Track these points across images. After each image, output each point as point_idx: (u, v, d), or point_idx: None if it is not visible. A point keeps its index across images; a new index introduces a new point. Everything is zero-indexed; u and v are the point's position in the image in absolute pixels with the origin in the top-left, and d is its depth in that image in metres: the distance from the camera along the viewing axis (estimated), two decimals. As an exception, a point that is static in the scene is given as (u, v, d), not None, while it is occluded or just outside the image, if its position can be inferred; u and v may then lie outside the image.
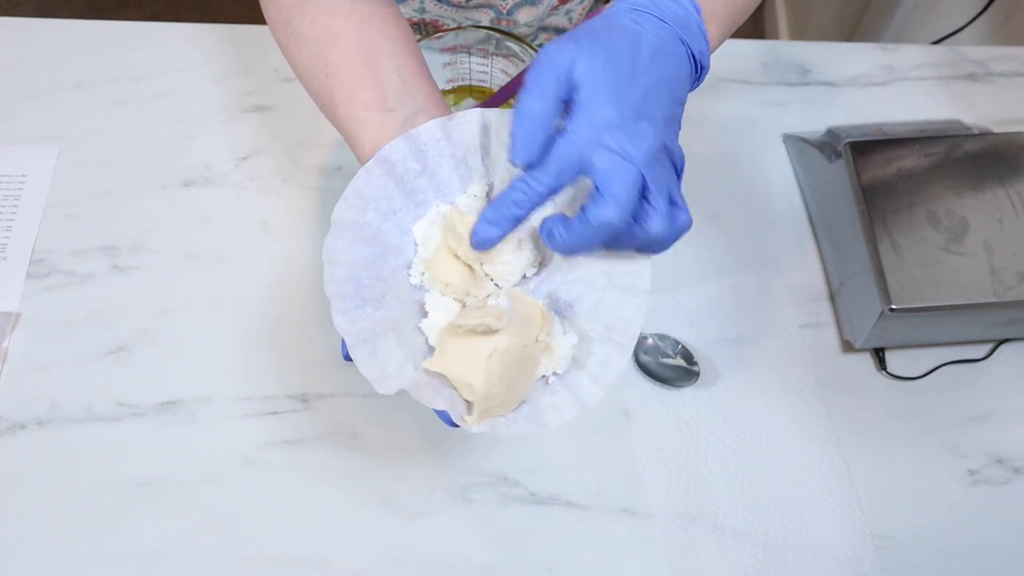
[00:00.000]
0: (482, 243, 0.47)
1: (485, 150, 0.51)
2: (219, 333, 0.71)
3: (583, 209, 0.44)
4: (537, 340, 0.48)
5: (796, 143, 0.81)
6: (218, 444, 0.67)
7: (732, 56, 0.88)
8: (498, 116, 0.50)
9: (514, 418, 0.48)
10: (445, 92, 0.77)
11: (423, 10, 0.80)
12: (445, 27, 0.83)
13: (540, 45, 0.87)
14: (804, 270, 0.77)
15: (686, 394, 0.71)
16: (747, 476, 0.68)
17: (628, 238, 0.46)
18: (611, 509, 0.66)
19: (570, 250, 0.45)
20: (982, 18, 1.06)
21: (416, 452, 0.68)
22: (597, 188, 0.44)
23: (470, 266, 0.49)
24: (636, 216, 0.45)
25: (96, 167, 0.79)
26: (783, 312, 0.75)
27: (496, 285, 0.51)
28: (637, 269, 0.48)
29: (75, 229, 0.76)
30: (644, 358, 0.71)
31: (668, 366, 0.71)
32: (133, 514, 0.64)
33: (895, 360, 0.73)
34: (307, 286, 0.74)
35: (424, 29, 0.84)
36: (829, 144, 0.76)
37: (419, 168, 0.51)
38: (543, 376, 0.49)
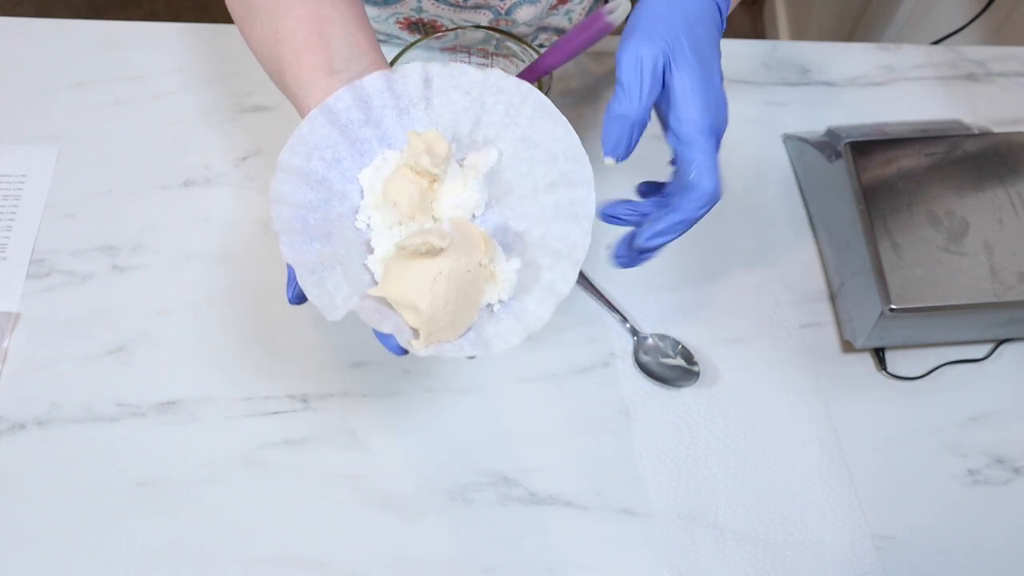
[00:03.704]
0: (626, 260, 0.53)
1: (428, 101, 0.52)
2: (219, 333, 0.71)
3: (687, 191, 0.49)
4: (481, 265, 0.48)
5: (796, 143, 0.81)
6: (218, 444, 0.67)
7: (732, 56, 0.87)
8: (440, 69, 0.52)
9: (460, 344, 0.48)
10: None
11: (420, 9, 0.80)
12: (443, 27, 0.83)
13: (540, 45, 0.87)
14: (804, 270, 0.77)
15: (686, 394, 0.71)
16: (747, 476, 0.68)
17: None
18: (611, 509, 0.66)
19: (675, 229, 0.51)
20: (982, 18, 1.06)
21: (416, 452, 0.68)
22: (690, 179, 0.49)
23: (421, 191, 0.50)
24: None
25: (96, 167, 0.79)
26: (783, 312, 0.75)
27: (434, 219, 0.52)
28: (581, 198, 0.49)
29: (75, 229, 0.76)
30: (644, 358, 0.71)
31: (668, 366, 0.71)
32: (133, 514, 0.64)
33: (895, 360, 0.73)
34: (307, 286, 0.74)
35: (423, 29, 0.84)
36: (829, 144, 0.76)
37: (363, 118, 0.51)
38: (488, 304, 0.50)
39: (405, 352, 0.47)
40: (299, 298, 0.51)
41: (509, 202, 0.52)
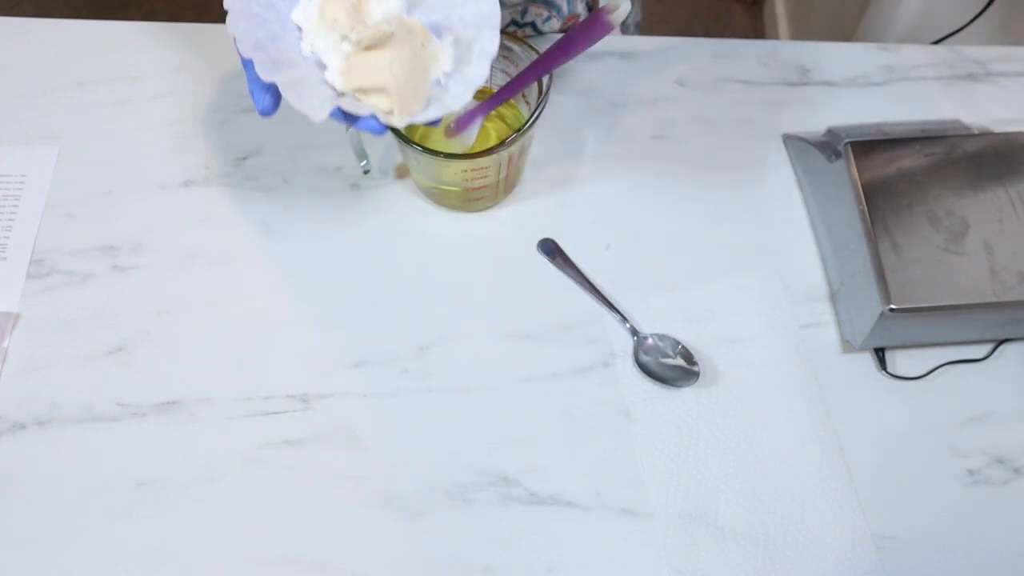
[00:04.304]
0: None
1: None
2: (219, 333, 0.71)
3: None
4: (423, 46, 0.59)
5: (796, 143, 0.81)
6: (218, 444, 0.67)
7: (732, 56, 0.88)
8: None
9: (427, 113, 0.59)
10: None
11: None
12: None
13: (531, 22, 0.86)
14: (804, 270, 0.77)
15: (686, 394, 0.71)
16: (747, 476, 0.68)
17: None
18: (611, 509, 0.66)
19: None
20: (982, 18, 1.06)
21: (416, 452, 0.68)
22: None
23: (353, 5, 0.59)
24: None
25: (96, 167, 0.79)
26: (783, 312, 0.75)
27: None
28: None
29: (75, 229, 0.76)
30: (644, 358, 0.71)
31: (668, 366, 0.71)
32: (133, 514, 0.64)
33: (895, 360, 0.73)
34: (307, 286, 0.74)
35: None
36: (829, 144, 0.76)
37: None
38: (437, 81, 0.60)
39: (385, 129, 0.57)
40: (273, 107, 0.58)
41: (425, 4, 0.62)
